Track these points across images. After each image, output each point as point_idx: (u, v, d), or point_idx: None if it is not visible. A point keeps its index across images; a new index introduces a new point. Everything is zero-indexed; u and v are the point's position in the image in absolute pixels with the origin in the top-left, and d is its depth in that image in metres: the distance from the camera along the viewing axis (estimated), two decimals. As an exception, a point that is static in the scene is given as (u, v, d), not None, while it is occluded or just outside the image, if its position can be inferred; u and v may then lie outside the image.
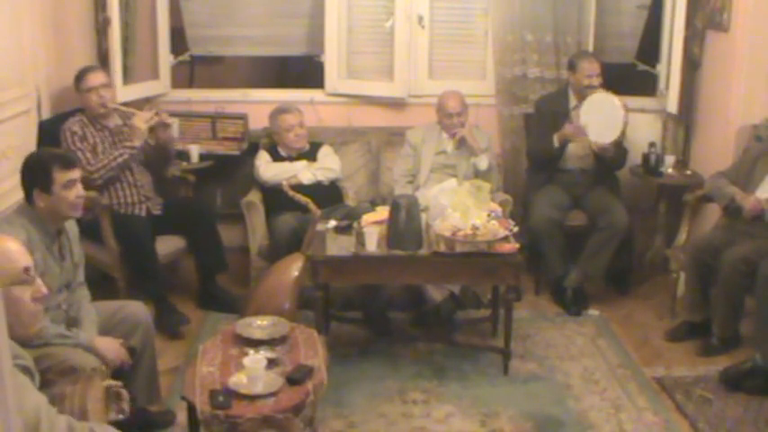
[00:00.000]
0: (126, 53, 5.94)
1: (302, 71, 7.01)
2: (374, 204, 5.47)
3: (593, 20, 6.31)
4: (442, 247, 4.55)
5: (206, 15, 6.66)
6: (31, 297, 2.81)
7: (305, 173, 5.62)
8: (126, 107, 5.47)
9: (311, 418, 3.61)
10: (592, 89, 5.67)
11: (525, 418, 4.32)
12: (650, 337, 5.32)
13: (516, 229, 4.66)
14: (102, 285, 4.76)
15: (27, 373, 2.69)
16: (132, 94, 5.89)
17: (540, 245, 5.65)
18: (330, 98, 6.47)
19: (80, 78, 5.25)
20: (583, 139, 5.64)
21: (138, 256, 5.06)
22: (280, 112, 5.78)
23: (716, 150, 5.82)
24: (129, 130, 5.27)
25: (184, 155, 5.90)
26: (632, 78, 6.58)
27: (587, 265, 5.64)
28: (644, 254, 6.09)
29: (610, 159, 5.71)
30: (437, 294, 5.29)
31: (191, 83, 7.49)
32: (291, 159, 5.71)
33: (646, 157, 6.00)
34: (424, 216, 4.73)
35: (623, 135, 5.63)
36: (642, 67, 6.63)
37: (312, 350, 3.78)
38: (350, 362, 4.83)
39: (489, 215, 4.68)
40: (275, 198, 5.51)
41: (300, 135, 5.73)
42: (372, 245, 4.56)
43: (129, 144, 5.21)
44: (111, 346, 3.72)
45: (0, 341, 1.80)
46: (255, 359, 3.50)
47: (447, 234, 4.53)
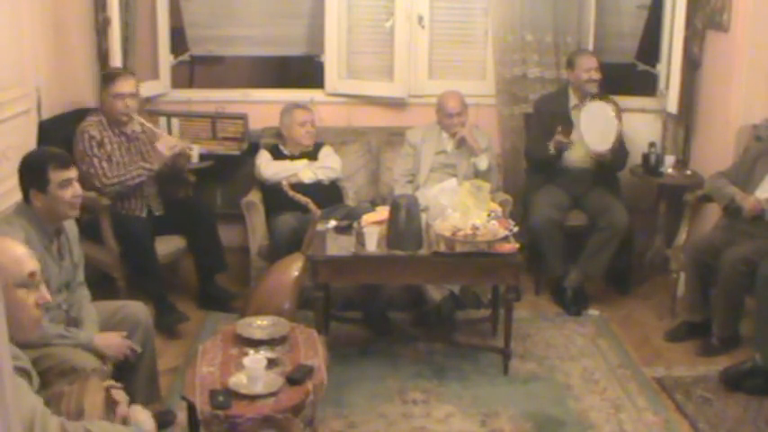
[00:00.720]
0: (126, 53, 5.91)
1: (302, 71, 7.01)
2: (374, 204, 5.49)
3: (593, 20, 6.31)
4: (442, 247, 4.55)
5: (206, 15, 6.67)
6: (35, 302, 2.81)
7: (306, 171, 5.61)
8: (152, 125, 5.45)
9: (311, 418, 3.61)
10: (592, 83, 5.69)
11: (525, 417, 4.32)
12: (650, 337, 5.32)
13: (516, 229, 4.66)
14: (102, 285, 4.76)
15: (24, 374, 2.69)
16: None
17: (540, 245, 5.65)
18: (330, 98, 6.46)
19: (110, 81, 5.19)
20: (577, 146, 5.66)
21: (138, 257, 5.05)
22: (294, 106, 5.79)
23: (716, 150, 5.82)
24: (150, 151, 5.24)
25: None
26: (632, 78, 6.59)
27: (587, 265, 5.65)
28: (644, 254, 6.08)
29: (609, 163, 5.71)
30: (437, 294, 5.30)
31: (191, 83, 7.49)
32: (293, 158, 5.71)
33: (646, 157, 6.00)
34: (424, 216, 4.73)
35: (618, 144, 5.65)
36: (642, 66, 6.64)
37: (312, 350, 3.78)
38: (350, 362, 4.82)
39: (489, 215, 4.68)
40: (275, 198, 5.50)
41: (311, 132, 5.73)
42: (372, 245, 4.56)
43: (149, 166, 5.18)
44: (112, 342, 3.71)
45: (0, 342, 1.80)
46: (255, 359, 3.50)
47: (447, 234, 4.53)
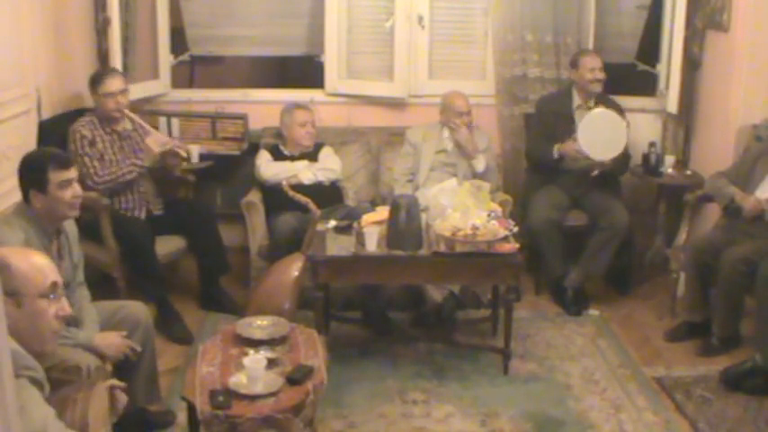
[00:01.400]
0: (126, 53, 5.93)
1: (302, 71, 7.01)
2: (374, 204, 5.49)
3: (593, 20, 6.30)
4: (442, 247, 4.54)
5: (206, 15, 6.66)
6: (55, 314, 2.80)
7: (305, 173, 5.61)
8: (143, 121, 5.45)
9: (311, 418, 3.61)
10: (597, 83, 5.68)
11: (525, 418, 4.32)
12: (650, 337, 5.31)
13: (516, 229, 4.66)
14: (102, 285, 4.75)
15: (37, 384, 2.68)
16: (132, 94, 5.83)
17: (539, 245, 5.65)
18: (330, 98, 6.45)
19: (98, 81, 5.19)
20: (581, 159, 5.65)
21: (138, 259, 5.04)
22: (295, 106, 5.79)
23: (716, 150, 5.82)
24: (140, 147, 5.26)
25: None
26: (632, 78, 6.58)
27: (588, 265, 5.64)
28: (644, 254, 6.07)
29: (610, 169, 5.69)
30: (437, 294, 5.29)
31: (191, 83, 7.49)
32: (293, 159, 5.70)
33: (646, 157, 6.00)
34: (424, 216, 4.73)
35: (623, 154, 5.65)
36: (642, 66, 6.64)
37: (312, 350, 3.78)
38: (350, 362, 4.82)
39: (489, 215, 4.68)
40: (275, 198, 5.49)
41: (311, 133, 5.73)
42: (372, 245, 4.56)
43: (139, 163, 5.19)
44: (112, 341, 3.71)
45: (0, 344, 1.80)
46: (255, 359, 3.50)
47: (447, 234, 4.52)
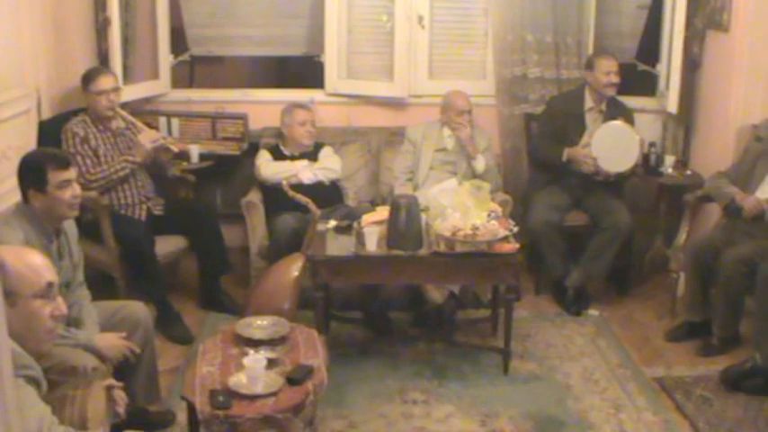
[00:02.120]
0: (126, 53, 5.92)
1: (302, 71, 7.01)
2: (374, 204, 5.49)
3: (593, 20, 6.30)
4: (442, 247, 4.54)
5: (206, 15, 6.66)
6: (51, 314, 2.80)
7: (306, 172, 5.60)
8: (134, 117, 5.46)
9: (311, 418, 3.62)
10: (611, 87, 5.66)
11: (525, 418, 4.32)
12: (650, 337, 5.31)
13: (516, 229, 4.66)
14: (102, 285, 4.74)
15: (34, 383, 2.68)
16: (132, 94, 5.88)
17: (540, 246, 5.65)
18: (330, 98, 6.45)
19: (89, 80, 5.20)
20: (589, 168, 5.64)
21: (138, 259, 5.04)
22: (295, 105, 5.79)
23: (716, 150, 5.82)
24: (134, 144, 5.26)
25: (184, 155, 5.87)
26: (632, 78, 6.56)
27: (589, 266, 5.63)
28: (644, 254, 6.07)
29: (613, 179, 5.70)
30: (437, 294, 5.29)
31: (191, 83, 7.49)
32: (293, 158, 5.70)
33: (646, 158, 6.00)
34: (424, 216, 4.73)
35: (632, 169, 5.65)
36: (642, 66, 6.64)
37: (312, 350, 3.79)
38: (350, 362, 4.82)
39: (489, 215, 4.68)
40: (275, 198, 5.48)
41: (311, 132, 5.72)
42: (372, 245, 4.55)
43: (131, 159, 5.20)
44: (112, 342, 3.71)
45: (0, 344, 1.80)
46: (255, 359, 3.50)
47: (447, 234, 4.52)
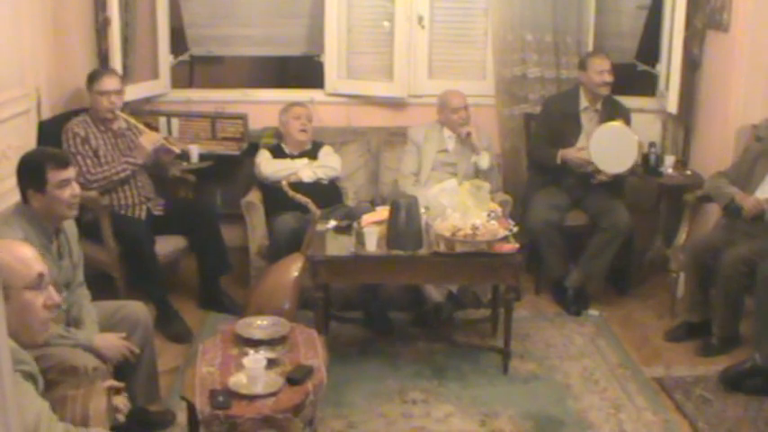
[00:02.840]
0: (126, 53, 5.93)
1: (302, 71, 7.01)
2: (374, 204, 5.49)
3: (592, 20, 6.31)
4: (442, 247, 4.54)
5: (206, 15, 6.66)
6: (43, 304, 2.80)
7: (305, 170, 5.60)
8: (135, 119, 5.47)
9: (311, 418, 3.62)
10: (605, 86, 5.67)
11: (525, 417, 4.32)
12: (650, 336, 5.31)
13: (516, 229, 4.66)
14: (102, 285, 4.74)
15: (30, 379, 2.68)
16: (132, 94, 5.87)
17: (539, 246, 5.65)
18: (330, 98, 6.45)
19: (94, 79, 5.22)
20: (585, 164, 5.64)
21: (138, 259, 5.04)
22: (291, 104, 5.82)
23: (716, 150, 5.82)
24: (134, 146, 5.27)
25: (184, 155, 5.87)
26: (632, 78, 6.58)
27: (589, 266, 5.64)
28: (644, 254, 6.07)
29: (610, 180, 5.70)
30: (437, 294, 5.29)
31: (191, 83, 7.49)
32: (293, 157, 5.70)
33: (646, 157, 5.99)
34: (423, 216, 4.73)
35: (630, 170, 5.66)
36: (642, 66, 6.63)
37: (312, 350, 3.79)
38: (350, 362, 4.82)
39: (489, 215, 4.68)
40: (275, 198, 5.48)
41: (307, 128, 5.73)
42: (372, 245, 4.55)
43: (132, 160, 5.21)
44: (111, 343, 3.71)
45: (0, 343, 1.80)
46: (255, 359, 3.49)
47: (447, 234, 4.52)
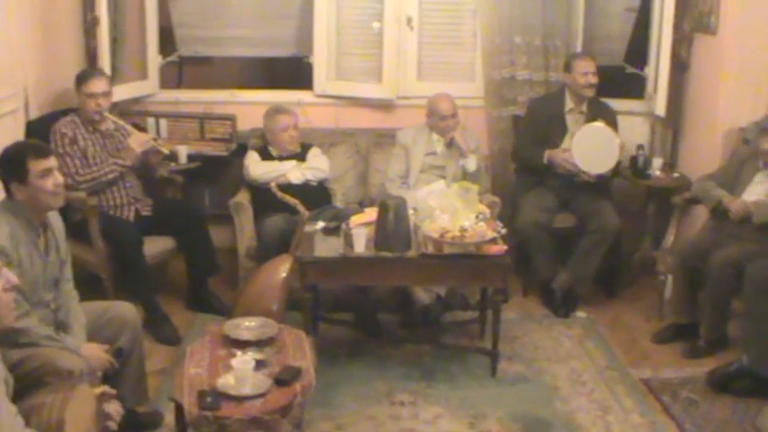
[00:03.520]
0: (114, 53, 5.91)
1: (291, 72, 7.00)
2: (362, 206, 5.48)
3: (581, 22, 6.31)
4: (430, 249, 4.54)
5: (195, 16, 6.65)
6: (2, 288, 2.79)
7: (294, 172, 5.60)
8: (124, 121, 5.46)
9: (299, 419, 3.61)
10: (590, 88, 5.69)
11: (513, 419, 4.32)
12: (638, 338, 5.33)
13: (504, 231, 4.67)
14: (90, 286, 4.73)
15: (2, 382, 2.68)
16: (121, 94, 5.86)
17: (528, 248, 5.66)
18: (318, 99, 6.44)
19: (82, 80, 5.20)
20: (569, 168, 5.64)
21: (126, 260, 5.03)
22: (275, 112, 5.77)
23: (703, 153, 5.83)
24: (123, 147, 5.25)
25: (173, 156, 5.85)
26: (621, 81, 6.59)
27: (577, 268, 5.64)
28: (632, 256, 6.08)
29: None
30: (425, 296, 5.29)
31: (179, 83, 7.47)
32: (281, 159, 5.69)
33: (634, 160, 6.01)
34: (412, 218, 4.73)
35: (614, 170, 5.66)
36: (630, 69, 6.64)
37: (300, 351, 3.79)
38: (338, 363, 4.82)
39: (477, 217, 4.68)
40: (264, 199, 5.48)
41: (294, 137, 5.72)
42: (360, 246, 4.55)
43: (121, 162, 5.19)
44: (96, 354, 3.70)
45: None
46: (243, 360, 3.49)
47: (435, 236, 4.52)
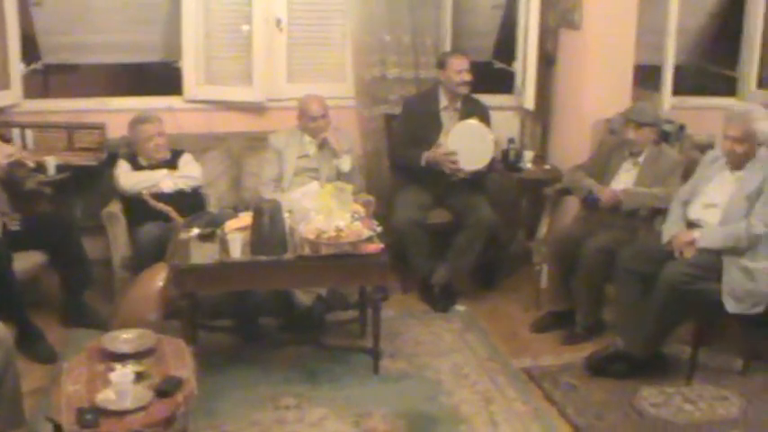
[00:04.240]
0: (-28, 62, 5.75)
1: (160, 78, 6.89)
2: (237, 210, 5.42)
3: (449, 19, 6.39)
4: (307, 251, 4.53)
5: (59, 22, 6.45)
6: None
7: (166, 181, 5.51)
8: None
9: (183, 429, 3.56)
10: (464, 85, 5.75)
11: (398, 416, 4.35)
12: (517, 329, 5.43)
13: (380, 230, 4.69)
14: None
15: None
16: (-19, 105, 5.70)
17: (405, 245, 5.69)
18: (189, 105, 6.35)
19: None
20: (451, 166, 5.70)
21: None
22: (138, 121, 5.65)
23: (572, 145, 5.98)
24: None
25: (40, 167, 5.69)
26: (490, 76, 6.69)
27: (455, 263, 5.71)
28: (507, 248, 6.18)
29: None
30: (306, 298, 5.28)
31: (45, 92, 7.28)
32: (152, 168, 5.60)
33: (505, 153, 6.13)
34: (287, 220, 4.71)
35: (489, 165, 5.73)
36: (499, 65, 6.76)
37: (181, 361, 3.73)
38: (220, 370, 4.77)
39: (353, 216, 4.70)
40: (136, 208, 5.38)
41: (161, 145, 5.62)
42: (237, 251, 4.51)
43: None
44: None
45: None
46: (122, 374, 3.42)
47: (311, 237, 4.52)
